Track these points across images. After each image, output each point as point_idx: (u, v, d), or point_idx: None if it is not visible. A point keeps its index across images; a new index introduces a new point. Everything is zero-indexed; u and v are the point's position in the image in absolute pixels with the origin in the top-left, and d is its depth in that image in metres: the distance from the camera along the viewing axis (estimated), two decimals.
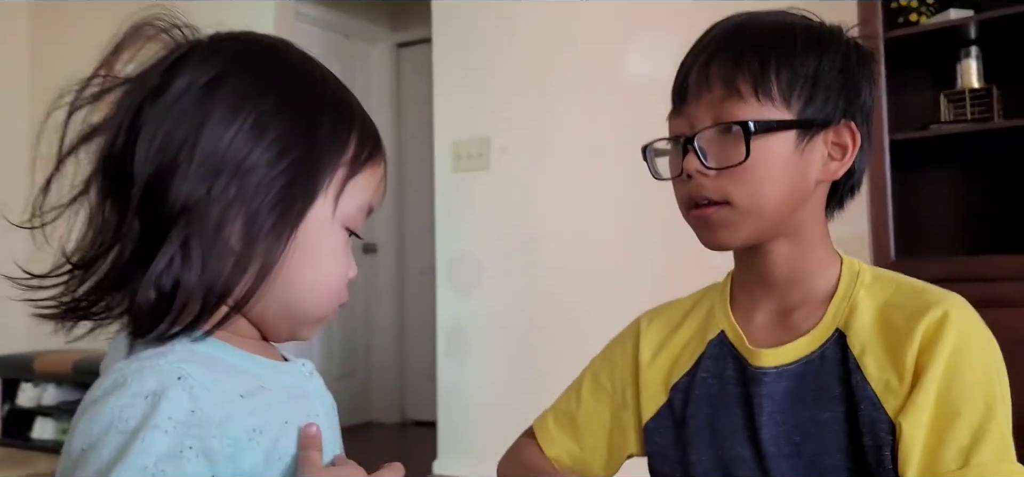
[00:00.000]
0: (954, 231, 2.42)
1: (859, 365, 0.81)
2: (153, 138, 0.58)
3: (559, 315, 3.05)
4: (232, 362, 0.60)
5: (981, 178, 2.41)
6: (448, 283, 3.33)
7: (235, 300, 0.59)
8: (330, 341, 4.51)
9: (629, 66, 2.95)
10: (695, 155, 0.81)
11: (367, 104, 3.15)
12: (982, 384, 0.77)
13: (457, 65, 3.33)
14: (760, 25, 0.84)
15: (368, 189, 0.66)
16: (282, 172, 0.60)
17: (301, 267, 0.62)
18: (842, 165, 0.84)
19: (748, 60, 0.81)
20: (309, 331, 0.66)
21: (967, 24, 2.18)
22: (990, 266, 2.08)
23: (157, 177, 0.57)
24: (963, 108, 2.24)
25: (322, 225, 0.63)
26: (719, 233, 0.83)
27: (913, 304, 0.81)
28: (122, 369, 0.55)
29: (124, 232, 0.58)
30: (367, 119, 0.67)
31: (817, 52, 0.82)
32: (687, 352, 0.94)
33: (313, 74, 0.66)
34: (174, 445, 0.52)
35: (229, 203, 0.58)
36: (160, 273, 0.57)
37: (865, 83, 0.86)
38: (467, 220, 3.31)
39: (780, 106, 0.80)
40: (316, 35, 4.40)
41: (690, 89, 0.83)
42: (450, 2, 3.34)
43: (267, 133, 0.60)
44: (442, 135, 3.34)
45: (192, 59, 0.60)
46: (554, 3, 3.10)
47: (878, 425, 0.78)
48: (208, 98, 0.59)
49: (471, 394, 3.26)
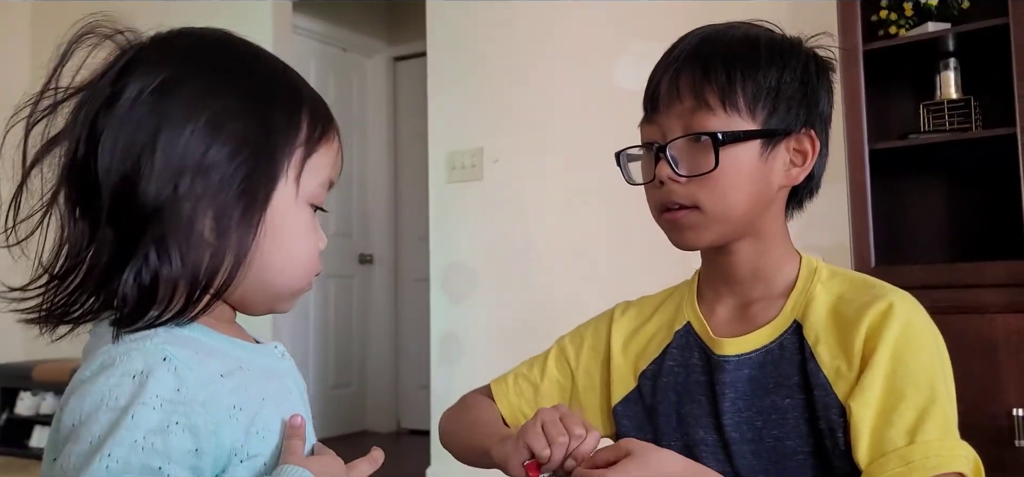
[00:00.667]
0: (934, 240, 2.47)
1: (813, 353, 0.86)
2: (114, 147, 0.60)
3: (551, 323, 3.07)
4: (213, 345, 0.64)
5: (961, 187, 2.45)
6: (442, 292, 3.37)
7: (216, 288, 0.62)
8: (325, 351, 4.54)
9: (621, 77, 3.00)
10: (667, 163, 0.87)
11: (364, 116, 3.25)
12: (926, 368, 0.82)
13: (451, 77, 3.38)
14: (727, 38, 0.89)
15: (326, 165, 0.69)
16: (242, 163, 0.63)
17: (273, 249, 0.65)
18: (803, 171, 0.90)
19: (716, 73, 0.86)
20: (288, 305, 0.70)
21: (945, 36, 2.23)
22: (970, 274, 2.13)
23: (123, 184, 0.60)
24: (942, 118, 2.30)
25: (288, 207, 0.66)
26: (687, 235, 0.89)
27: (862, 297, 0.87)
28: (109, 351, 0.59)
29: (98, 239, 0.61)
30: (317, 98, 0.70)
31: (779, 64, 0.88)
32: (655, 342, 1.00)
33: (261, 64, 0.68)
34: (162, 421, 0.56)
35: (197, 199, 0.61)
36: (139, 272, 0.60)
37: (824, 93, 0.92)
38: (461, 230, 3.35)
39: (746, 117, 0.86)
40: (314, 48, 4.46)
41: (661, 99, 0.89)
42: (445, 16, 3.40)
43: (223, 129, 0.62)
44: (436, 146, 3.38)
45: (140, 64, 0.63)
46: (547, 16, 3.15)
47: (830, 409, 0.83)
48: (160, 102, 0.61)
49: None
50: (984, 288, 2.08)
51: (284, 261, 0.66)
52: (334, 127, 0.71)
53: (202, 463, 0.58)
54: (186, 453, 0.57)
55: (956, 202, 2.46)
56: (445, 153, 3.35)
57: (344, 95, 4.66)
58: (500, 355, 3.23)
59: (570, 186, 3.10)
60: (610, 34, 3.02)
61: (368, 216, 4.79)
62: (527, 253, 3.18)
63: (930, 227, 2.47)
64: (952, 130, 2.27)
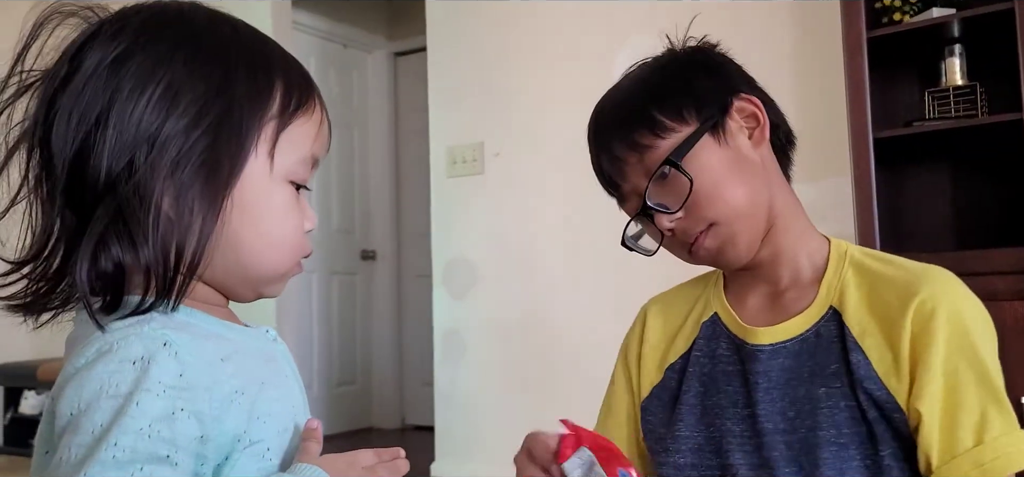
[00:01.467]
0: (940, 227, 2.45)
1: (859, 344, 0.85)
2: (68, 123, 0.58)
3: (554, 318, 3.07)
4: (207, 328, 0.61)
5: (967, 174, 2.43)
6: (444, 288, 3.36)
7: (187, 268, 0.59)
8: (329, 348, 4.53)
9: (621, 70, 2.97)
10: (659, 212, 0.88)
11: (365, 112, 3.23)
12: (980, 360, 0.82)
13: (452, 72, 3.36)
14: (619, 91, 0.95)
15: (307, 139, 0.65)
16: (202, 135, 0.60)
17: (246, 228, 0.62)
18: (762, 128, 0.90)
19: (631, 117, 0.89)
20: (274, 289, 0.67)
21: (950, 22, 2.20)
22: (978, 261, 2.10)
23: (76, 160, 0.58)
24: (948, 105, 2.27)
25: (260, 183, 0.62)
26: (726, 252, 0.89)
27: (903, 279, 0.86)
28: (104, 338, 0.56)
29: (59, 220, 0.59)
30: (294, 67, 0.66)
31: (675, 74, 0.91)
32: (682, 336, 0.99)
33: (223, 31, 0.64)
34: (167, 407, 0.54)
35: (152, 174, 0.58)
36: (93, 253, 0.57)
37: (725, 63, 0.93)
38: (462, 225, 3.34)
39: (681, 128, 0.88)
40: (314, 44, 4.45)
41: (613, 174, 0.92)
42: (445, 11, 3.38)
43: (179, 100, 0.59)
44: (437, 141, 3.37)
45: (99, 37, 0.60)
46: (546, 9, 3.13)
47: (884, 405, 0.82)
48: (115, 73, 0.59)
49: (468, 398, 3.29)
50: (992, 275, 2.05)
51: (259, 242, 0.63)
52: (314, 98, 0.66)
53: (207, 450, 0.56)
54: (192, 440, 0.55)
55: (962, 189, 2.43)
56: (446, 148, 3.34)
57: (345, 91, 4.65)
58: (503, 350, 3.24)
59: (571, 179, 3.08)
60: (610, 27, 3.00)
61: (370, 212, 4.78)
62: (529, 247, 3.17)
63: (936, 215, 2.45)
64: (958, 117, 2.24)
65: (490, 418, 3.18)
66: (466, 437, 3.27)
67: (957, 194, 2.44)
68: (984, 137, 2.27)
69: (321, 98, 0.67)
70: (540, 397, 3.05)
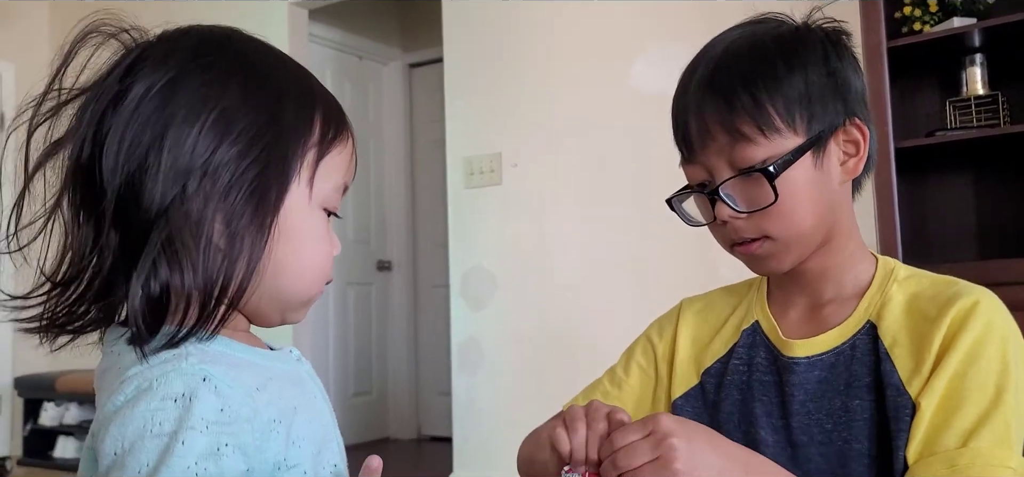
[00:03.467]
0: (962, 237, 2.43)
1: (889, 354, 0.83)
2: (120, 147, 0.58)
3: (572, 327, 3.06)
4: (240, 357, 0.61)
5: (989, 184, 2.41)
6: (461, 298, 3.36)
7: (231, 296, 0.59)
8: (345, 359, 4.54)
9: (638, 78, 2.97)
10: (725, 203, 0.84)
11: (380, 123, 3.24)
12: (997, 372, 0.78)
13: (468, 83, 3.37)
14: (736, 56, 0.85)
15: (341, 167, 0.66)
16: (252, 163, 0.60)
17: (287, 254, 0.62)
18: (859, 160, 0.86)
19: (740, 100, 0.82)
20: (300, 314, 0.67)
21: (971, 31, 2.19)
22: (1001, 271, 2.09)
23: (128, 185, 0.58)
24: (969, 115, 2.26)
25: (301, 210, 0.63)
26: (769, 263, 0.87)
27: (945, 294, 0.83)
28: (143, 374, 0.56)
29: (103, 244, 0.58)
30: (330, 97, 0.67)
31: (800, 66, 0.83)
32: (721, 339, 0.97)
33: (270, 61, 0.65)
34: (211, 444, 0.54)
35: (205, 201, 0.58)
36: (146, 279, 0.57)
37: (851, 73, 0.87)
38: (480, 235, 3.34)
39: (786, 134, 0.82)
40: (330, 56, 4.47)
41: (694, 139, 0.85)
42: (460, 21, 3.39)
43: (232, 127, 0.60)
44: (454, 152, 3.37)
45: (147, 62, 0.60)
46: (563, 18, 3.14)
47: (902, 410, 0.80)
48: (169, 100, 0.59)
49: (486, 408, 3.28)
50: (1016, 286, 2.03)
51: (298, 266, 0.64)
52: (348, 128, 0.68)
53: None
54: (239, 474, 0.55)
55: (984, 199, 2.42)
56: (463, 159, 3.34)
57: (360, 103, 4.67)
58: (521, 360, 3.24)
59: (589, 189, 3.08)
60: (627, 35, 3.00)
61: (386, 223, 4.80)
62: (547, 257, 3.16)
63: (958, 225, 2.43)
64: (979, 126, 2.23)
65: (508, 428, 3.16)
66: (484, 448, 3.26)
67: (980, 204, 2.42)
68: (1006, 146, 2.25)
69: (351, 128, 0.69)
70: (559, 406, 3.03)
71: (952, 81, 2.35)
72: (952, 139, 2.23)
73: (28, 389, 4.10)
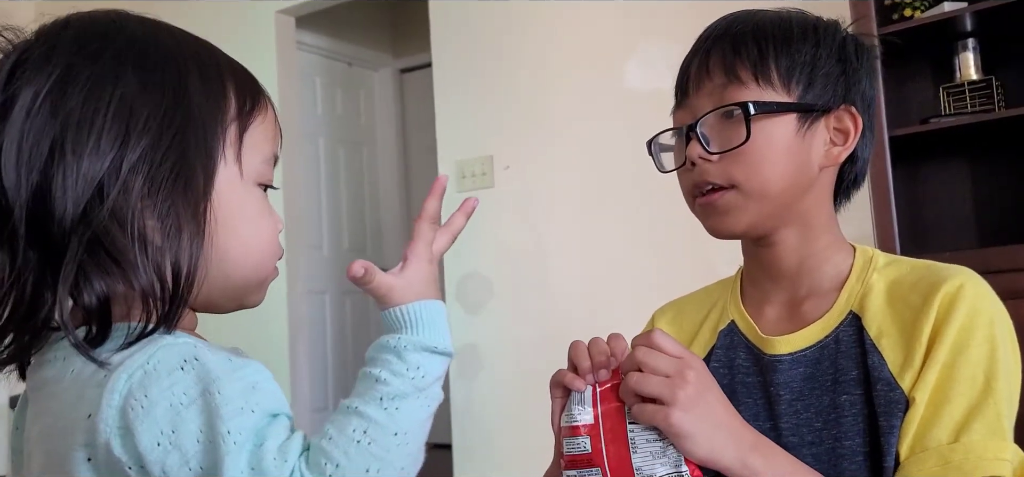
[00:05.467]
0: (961, 225, 2.40)
1: (876, 346, 0.81)
2: (18, 160, 0.54)
3: (569, 329, 3.03)
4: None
5: (986, 170, 2.39)
6: (457, 303, 3.34)
7: (182, 290, 0.57)
8: (344, 368, 4.51)
9: (630, 78, 2.96)
10: (698, 141, 0.82)
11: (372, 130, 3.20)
12: (986, 359, 0.77)
13: (458, 86, 3.35)
14: (758, 18, 0.86)
15: (267, 136, 0.64)
16: (168, 151, 0.57)
17: (229, 238, 0.60)
18: (844, 150, 0.85)
19: (747, 48, 0.83)
20: (257, 297, 0.65)
21: (963, 15, 2.17)
22: (1001, 258, 2.06)
23: (36, 200, 0.54)
24: (963, 101, 2.24)
25: (234, 190, 0.61)
26: (725, 219, 0.84)
27: (928, 280, 0.81)
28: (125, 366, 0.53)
29: (20, 266, 0.55)
30: (239, 68, 0.64)
31: (814, 41, 0.84)
32: (698, 344, 0.95)
33: (164, 40, 0.61)
34: (241, 385, 0.54)
35: (127, 200, 0.55)
36: (76, 287, 0.54)
37: (865, 74, 0.87)
38: (474, 239, 3.31)
39: (780, 91, 0.82)
40: (319, 64, 4.45)
41: (691, 81, 0.86)
42: (449, 26, 3.37)
43: (136, 118, 0.56)
44: (446, 156, 3.35)
45: (30, 64, 0.56)
46: (552, 20, 3.12)
47: (893, 405, 0.78)
48: (60, 102, 0.55)
49: (485, 413, 3.26)
50: (1016, 273, 2.01)
51: (242, 249, 0.61)
52: (265, 96, 0.65)
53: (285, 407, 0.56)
54: (281, 399, 0.55)
55: (981, 185, 2.39)
56: (455, 162, 3.32)
57: (351, 110, 4.65)
58: (519, 364, 3.21)
59: (583, 189, 3.06)
60: (618, 36, 2.98)
61: (381, 230, 4.77)
62: (542, 259, 3.14)
63: (956, 213, 2.41)
64: (974, 112, 2.20)
65: (508, 433, 3.15)
66: (484, 453, 3.24)
67: (977, 191, 2.40)
68: (1002, 131, 2.23)
69: (268, 95, 0.66)
70: None
71: (945, 67, 2.33)
72: (947, 126, 2.21)
73: None
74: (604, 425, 0.77)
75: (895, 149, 2.19)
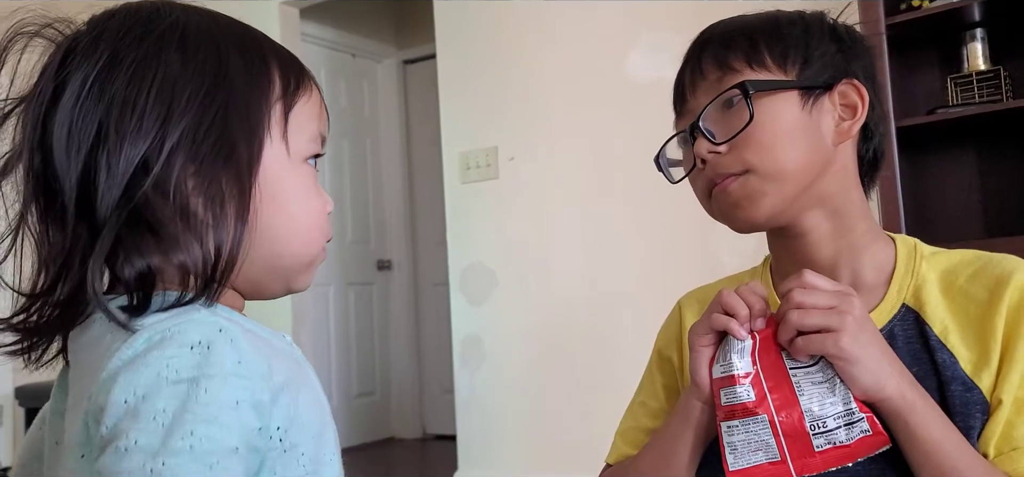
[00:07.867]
0: (968, 216, 2.39)
1: (944, 344, 0.79)
2: (68, 142, 0.57)
3: (573, 320, 3.04)
4: (245, 325, 0.59)
5: (993, 160, 2.38)
6: (461, 294, 3.33)
7: (224, 265, 0.58)
8: (347, 360, 4.52)
9: (633, 68, 2.95)
10: (704, 137, 0.81)
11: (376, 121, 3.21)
12: None
13: (462, 78, 3.34)
14: (745, 18, 0.87)
15: (312, 115, 0.65)
16: (211, 127, 0.59)
17: (275, 215, 0.61)
18: (855, 123, 0.83)
19: (738, 41, 0.82)
20: (305, 279, 0.65)
21: (970, 5, 2.16)
22: (1009, 248, 2.04)
23: (85, 178, 0.57)
24: (971, 91, 2.22)
25: (281, 167, 0.62)
26: (745, 207, 0.81)
27: (989, 271, 0.80)
28: (154, 327, 0.54)
29: (73, 245, 0.57)
30: (284, 51, 0.66)
31: (802, 26, 0.84)
32: None
33: (204, 22, 0.63)
34: (231, 396, 0.52)
35: (171, 176, 0.57)
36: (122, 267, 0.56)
37: (862, 51, 0.86)
38: (478, 230, 3.31)
39: (776, 72, 0.81)
40: (323, 55, 4.44)
41: (686, 86, 0.85)
42: (453, 17, 3.36)
43: (178, 96, 0.58)
44: (450, 147, 3.35)
45: (78, 52, 0.59)
46: (555, 10, 3.11)
47: (971, 406, 0.76)
48: (107, 85, 0.57)
49: (489, 404, 3.25)
50: None
51: (290, 227, 0.62)
52: (310, 78, 0.66)
53: (261, 444, 0.54)
54: (252, 431, 0.53)
55: (988, 176, 2.38)
56: (459, 154, 3.32)
57: (355, 101, 4.64)
58: (523, 354, 3.21)
59: (587, 179, 3.06)
60: (621, 26, 2.97)
61: (385, 222, 4.77)
62: (547, 250, 3.14)
63: (963, 203, 2.40)
64: (981, 102, 2.19)
65: (512, 424, 3.15)
66: (488, 444, 3.24)
67: (984, 181, 2.39)
68: (1009, 121, 2.22)
69: (314, 78, 0.67)
70: (562, 399, 3.02)
71: (953, 57, 2.31)
72: (954, 116, 2.19)
73: (29, 399, 4.08)
74: (764, 372, 0.74)
75: (902, 139, 2.18)
